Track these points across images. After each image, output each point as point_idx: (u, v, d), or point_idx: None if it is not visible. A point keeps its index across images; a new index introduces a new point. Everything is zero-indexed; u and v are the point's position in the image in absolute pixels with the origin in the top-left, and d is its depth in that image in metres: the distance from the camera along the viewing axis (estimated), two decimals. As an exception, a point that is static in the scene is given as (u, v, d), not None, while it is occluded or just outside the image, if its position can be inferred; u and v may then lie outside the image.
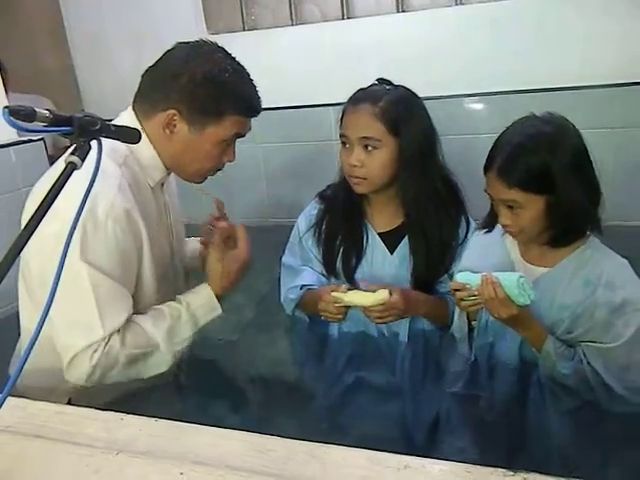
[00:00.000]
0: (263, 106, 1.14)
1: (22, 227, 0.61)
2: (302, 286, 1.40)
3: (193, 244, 1.40)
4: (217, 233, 1.19)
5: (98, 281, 0.98)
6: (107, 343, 1.00)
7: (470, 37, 2.03)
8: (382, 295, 1.19)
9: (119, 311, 1.02)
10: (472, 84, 2.06)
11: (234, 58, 1.10)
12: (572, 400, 1.08)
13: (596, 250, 1.08)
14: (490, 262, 1.15)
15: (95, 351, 0.99)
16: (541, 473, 0.63)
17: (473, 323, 1.17)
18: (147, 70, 1.09)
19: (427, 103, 1.31)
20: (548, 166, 0.99)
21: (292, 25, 2.22)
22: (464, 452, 1.05)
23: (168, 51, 1.08)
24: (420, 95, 1.31)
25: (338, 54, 2.18)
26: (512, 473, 0.63)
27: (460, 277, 1.10)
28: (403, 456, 0.68)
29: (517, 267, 1.14)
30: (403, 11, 2.09)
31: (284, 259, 1.47)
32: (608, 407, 1.04)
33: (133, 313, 1.06)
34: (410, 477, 0.65)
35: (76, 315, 1.00)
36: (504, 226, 1.08)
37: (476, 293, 1.06)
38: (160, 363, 1.07)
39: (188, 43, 1.08)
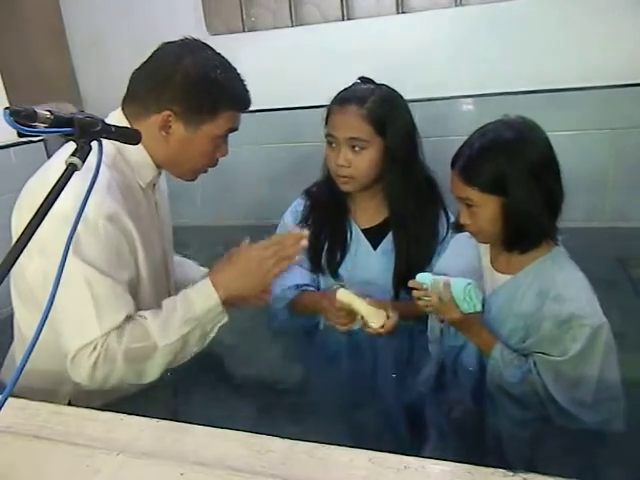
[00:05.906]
0: (264, 107, 1.14)
1: (14, 234, 0.60)
2: (297, 286, 1.39)
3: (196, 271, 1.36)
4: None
5: (93, 279, 0.96)
6: (105, 341, 0.97)
7: (470, 38, 2.03)
8: (380, 318, 1.17)
9: (117, 309, 0.99)
10: (472, 85, 2.06)
11: (220, 54, 1.10)
12: (519, 410, 1.08)
13: (555, 262, 1.08)
14: (463, 266, 1.17)
15: (93, 350, 0.96)
16: (541, 473, 0.63)
17: (442, 324, 1.18)
18: (135, 72, 1.08)
19: (426, 104, 1.32)
20: (502, 170, 1.01)
21: (292, 26, 2.22)
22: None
23: (155, 52, 1.08)
24: (420, 96, 1.32)
25: (338, 55, 2.18)
26: (512, 474, 0.63)
27: (419, 277, 1.13)
28: (403, 456, 0.68)
29: (485, 274, 1.16)
30: (403, 12, 2.09)
31: None
32: (554, 420, 1.04)
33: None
34: (410, 477, 0.65)
35: (73, 314, 0.98)
36: (464, 225, 1.10)
37: (430, 294, 1.09)
38: (158, 361, 1.01)
39: (174, 43, 1.07)
